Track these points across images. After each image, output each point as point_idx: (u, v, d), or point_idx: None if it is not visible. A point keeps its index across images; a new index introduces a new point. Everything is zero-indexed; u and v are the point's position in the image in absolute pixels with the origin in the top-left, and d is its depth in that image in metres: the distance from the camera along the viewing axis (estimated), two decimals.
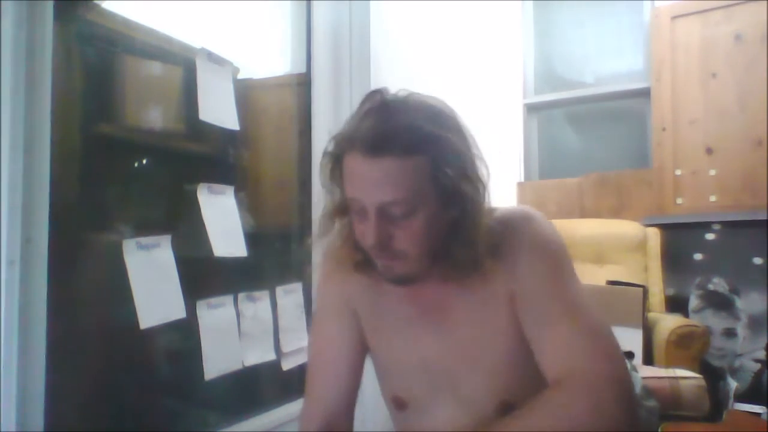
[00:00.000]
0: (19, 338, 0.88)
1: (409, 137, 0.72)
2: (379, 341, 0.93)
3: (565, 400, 0.72)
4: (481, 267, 0.80)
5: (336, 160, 0.79)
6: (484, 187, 0.80)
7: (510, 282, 0.82)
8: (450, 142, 0.76)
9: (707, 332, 2.19)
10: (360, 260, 0.85)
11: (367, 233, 0.76)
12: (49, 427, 0.93)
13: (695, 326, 2.15)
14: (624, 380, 0.74)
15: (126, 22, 1.21)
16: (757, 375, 2.39)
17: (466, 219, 0.78)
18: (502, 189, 2.90)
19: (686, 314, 2.56)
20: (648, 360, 2.12)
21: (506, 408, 0.81)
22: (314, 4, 1.70)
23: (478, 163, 0.80)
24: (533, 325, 0.80)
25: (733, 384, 2.25)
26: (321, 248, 0.90)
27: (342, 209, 0.82)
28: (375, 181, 0.73)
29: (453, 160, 0.75)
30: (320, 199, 0.85)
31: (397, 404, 0.92)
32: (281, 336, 1.47)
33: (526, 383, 0.80)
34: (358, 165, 0.74)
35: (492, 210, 0.84)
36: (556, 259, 0.84)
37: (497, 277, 0.82)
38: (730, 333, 2.50)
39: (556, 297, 0.81)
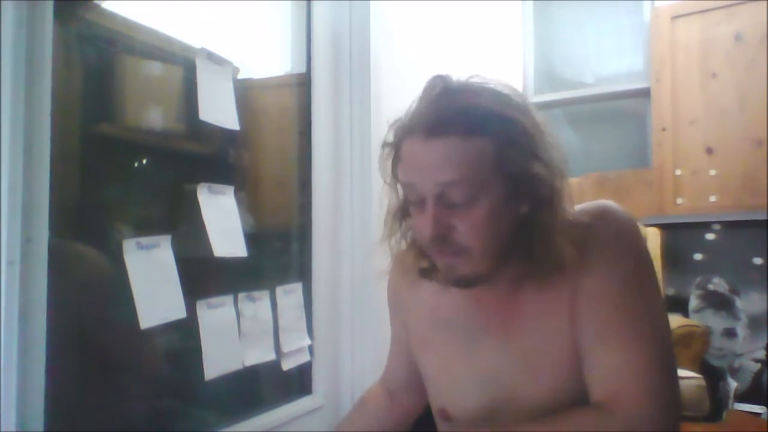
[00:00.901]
0: (19, 338, 0.87)
1: (471, 117, 0.67)
2: (431, 355, 0.88)
3: (595, 423, 0.69)
4: (562, 263, 0.72)
5: (396, 149, 0.73)
6: (562, 175, 0.72)
7: (576, 282, 0.75)
8: (518, 123, 0.68)
9: (707, 332, 2.19)
10: (425, 267, 0.80)
11: (425, 224, 0.70)
12: (49, 427, 0.93)
13: (695, 326, 2.15)
14: (667, 426, 0.68)
15: (126, 22, 1.21)
16: (757, 375, 2.39)
17: (540, 210, 0.70)
18: None
19: (686, 314, 2.56)
20: None
21: None
22: (314, 4, 1.70)
23: (553, 150, 0.72)
24: (591, 337, 0.74)
25: (733, 384, 2.25)
26: (387, 249, 0.84)
27: (406, 207, 0.77)
28: (433, 162, 0.68)
29: (522, 143, 0.68)
30: (376, 197, 0.82)
31: (444, 416, 0.87)
32: (281, 336, 1.47)
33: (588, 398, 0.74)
34: (416, 148, 0.69)
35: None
36: (631, 263, 0.75)
37: (566, 279, 0.75)
38: (730, 333, 2.50)
39: (623, 313, 0.73)
